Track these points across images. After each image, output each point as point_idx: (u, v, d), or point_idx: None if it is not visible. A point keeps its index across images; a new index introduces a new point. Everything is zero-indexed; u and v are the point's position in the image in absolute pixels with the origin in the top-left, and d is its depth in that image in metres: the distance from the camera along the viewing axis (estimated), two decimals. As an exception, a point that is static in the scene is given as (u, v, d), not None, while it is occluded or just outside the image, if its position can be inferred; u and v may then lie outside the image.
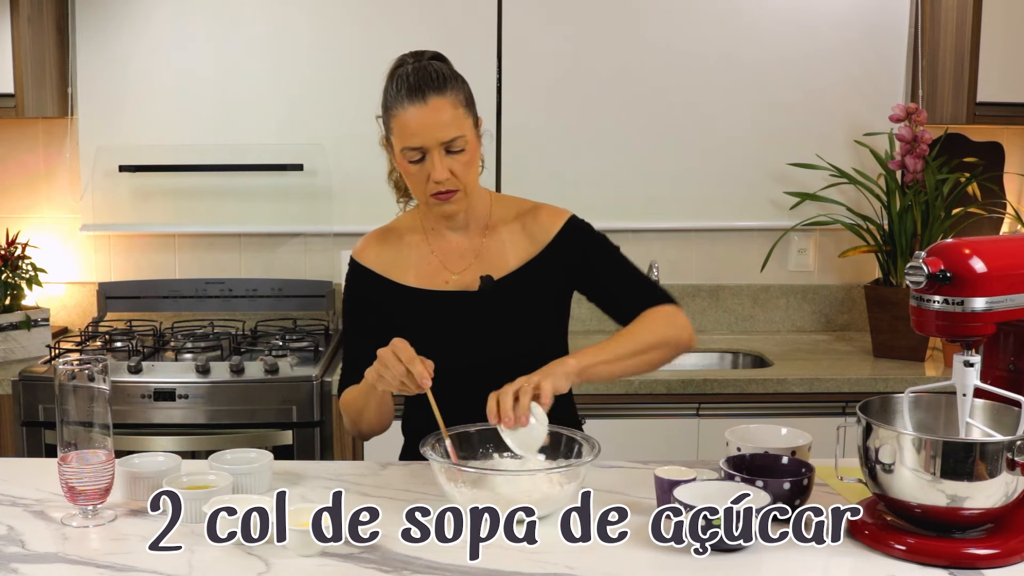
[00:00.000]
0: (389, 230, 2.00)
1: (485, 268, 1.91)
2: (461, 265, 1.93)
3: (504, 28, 3.28)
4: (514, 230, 1.94)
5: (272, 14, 3.27)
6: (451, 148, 1.78)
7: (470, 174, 1.83)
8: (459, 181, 1.80)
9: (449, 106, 1.77)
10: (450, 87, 1.78)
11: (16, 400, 2.80)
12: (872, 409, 1.60)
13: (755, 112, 3.36)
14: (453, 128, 1.77)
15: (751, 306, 3.46)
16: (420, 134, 1.76)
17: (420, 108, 1.76)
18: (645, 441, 2.84)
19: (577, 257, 1.93)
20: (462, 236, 1.94)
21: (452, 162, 1.79)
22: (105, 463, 1.60)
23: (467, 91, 1.83)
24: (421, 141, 1.76)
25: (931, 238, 3.02)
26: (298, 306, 3.31)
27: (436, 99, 1.76)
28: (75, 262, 3.39)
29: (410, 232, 1.97)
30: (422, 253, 1.95)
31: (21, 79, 3.01)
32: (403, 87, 1.77)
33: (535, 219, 1.95)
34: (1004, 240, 1.56)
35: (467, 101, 1.82)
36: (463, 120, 1.79)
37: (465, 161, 1.80)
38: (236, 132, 3.30)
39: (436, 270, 1.93)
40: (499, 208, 1.97)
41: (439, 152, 1.77)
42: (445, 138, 1.76)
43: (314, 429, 2.81)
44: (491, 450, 1.75)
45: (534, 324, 1.92)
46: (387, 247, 1.97)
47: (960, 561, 1.45)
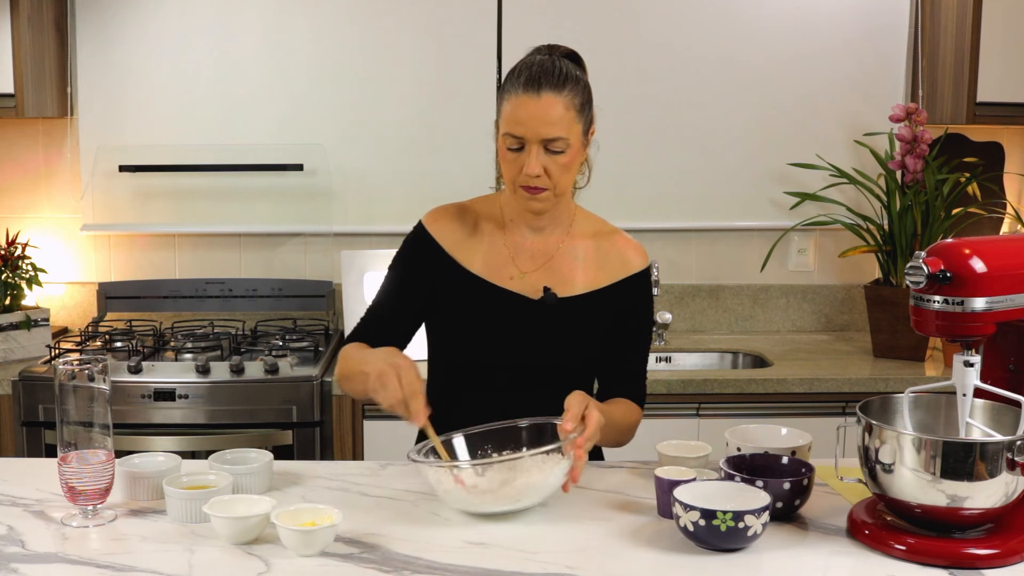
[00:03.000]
0: (466, 209, 1.95)
1: (552, 276, 1.89)
2: (530, 265, 1.90)
3: (504, 28, 3.28)
4: (589, 248, 1.91)
5: (272, 14, 3.27)
6: (551, 147, 1.75)
7: (564, 177, 1.80)
8: (551, 181, 1.78)
9: (561, 105, 1.75)
10: (568, 87, 1.76)
11: (16, 400, 2.80)
12: (872, 409, 1.60)
13: (755, 112, 3.36)
14: (558, 128, 1.75)
15: (751, 306, 3.46)
16: (525, 124, 1.75)
17: (532, 99, 1.74)
18: (645, 441, 2.83)
19: (624, 306, 1.91)
20: (539, 237, 1.91)
21: (549, 161, 1.76)
22: (105, 463, 1.60)
23: (586, 96, 1.80)
24: (524, 131, 1.75)
25: (931, 238, 3.02)
26: (298, 306, 3.31)
27: (550, 95, 1.74)
28: (75, 262, 3.39)
29: (487, 219, 1.93)
30: (494, 242, 1.91)
31: (21, 79, 3.01)
32: (523, 74, 1.76)
33: (613, 245, 1.92)
34: (1004, 240, 1.56)
35: (582, 106, 1.78)
36: (572, 124, 1.76)
37: (563, 163, 1.77)
38: (236, 132, 3.30)
39: (504, 263, 1.89)
40: (581, 221, 1.94)
41: (538, 147, 1.75)
42: (548, 135, 1.74)
43: (314, 429, 2.81)
44: (489, 450, 1.75)
45: (581, 349, 1.90)
46: (460, 226, 1.91)
47: (960, 561, 1.45)
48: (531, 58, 1.80)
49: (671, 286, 3.42)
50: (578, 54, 1.87)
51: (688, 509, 1.46)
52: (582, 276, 1.90)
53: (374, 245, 3.31)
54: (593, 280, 1.90)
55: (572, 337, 1.88)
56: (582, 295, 1.89)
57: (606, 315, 1.90)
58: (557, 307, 1.87)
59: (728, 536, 1.45)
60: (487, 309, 1.87)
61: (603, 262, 1.91)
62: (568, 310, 1.88)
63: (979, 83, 3.12)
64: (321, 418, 2.81)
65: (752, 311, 3.46)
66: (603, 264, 1.91)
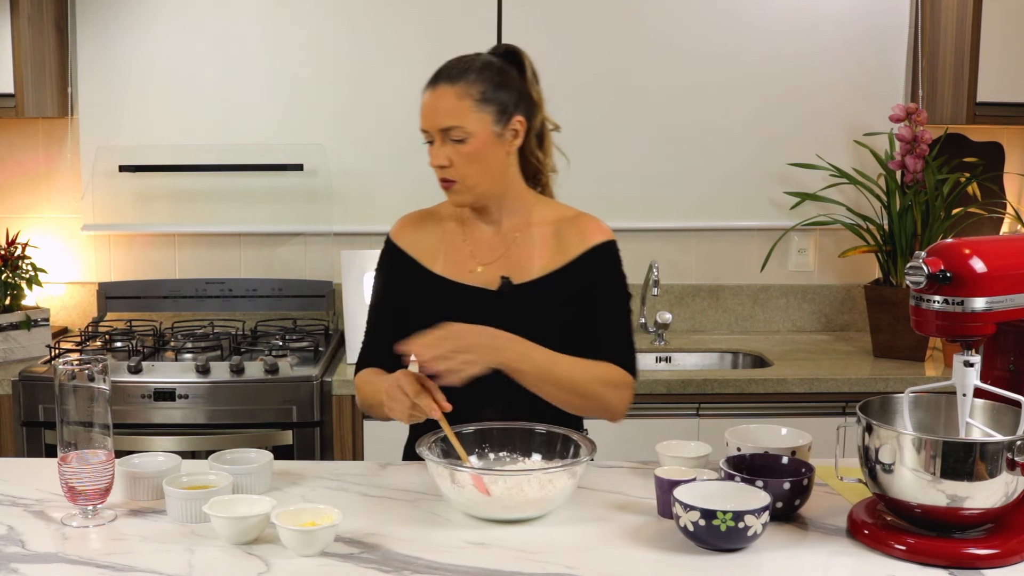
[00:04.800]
0: (429, 213, 2.01)
1: (511, 265, 1.91)
2: (490, 257, 1.92)
3: (504, 28, 3.28)
4: (547, 234, 1.92)
5: (272, 14, 3.27)
6: (450, 136, 1.81)
7: (471, 168, 1.83)
8: (456, 172, 1.83)
9: (453, 95, 1.81)
10: (465, 79, 1.82)
11: (16, 400, 2.80)
12: (872, 409, 1.60)
13: (755, 112, 3.36)
14: (451, 117, 1.80)
15: (751, 306, 3.46)
16: (425, 117, 1.84)
17: (429, 92, 1.84)
18: (645, 441, 2.82)
19: (588, 281, 1.90)
20: (495, 229, 1.94)
21: (453, 152, 1.82)
22: (105, 463, 1.60)
23: (491, 87, 1.83)
24: (425, 124, 1.84)
25: (931, 238, 3.02)
26: (298, 306, 3.31)
27: (444, 87, 1.82)
28: (75, 262, 3.39)
29: (449, 219, 1.98)
30: (455, 241, 1.95)
31: (21, 79, 3.01)
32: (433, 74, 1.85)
33: (572, 227, 1.93)
34: (1004, 240, 1.56)
35: (484, 95, 1.82)
36: (468, 112, 1.80)
37: (465, 153, 1.82)
38: (236, 132, 3.30)
39: (465, 259, 1.93)
40: (541, 209, 1.96)
41: (439, 138, 1.82)
42: (442, 125, 1.81)
43: (314, 429, 2.81)
44: (487, 450, 1.76)
45: (544, 332, 1.88)
46: (423, 230, 1.98)
47: (960, 561, 1.45)
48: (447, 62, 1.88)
49: (671, 286, 3.42)
50: (516, 52, 1.91)
51: (688, 509, 1.46)
52: (539, 260, 1.91)
53: (374, 245, 3.29)
54: (550, 262, 1.91)
55: (533, 322, 1.87)
56: (539, 279, 1.90)
57: (567, 294, 1.89)
58: (513, 294, 1.88)
59: (728, 536, 1.45)
60: (450, 306, 1.89)
61: (561, 244, 1.92)
62: (526, 295, 1.89)
63: (979, 83, 3.12)
64: (321, 418, 2.81)
65: (752, 311, 3.46)
66: (561, 246, 1.92)
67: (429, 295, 1.92)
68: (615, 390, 1.84)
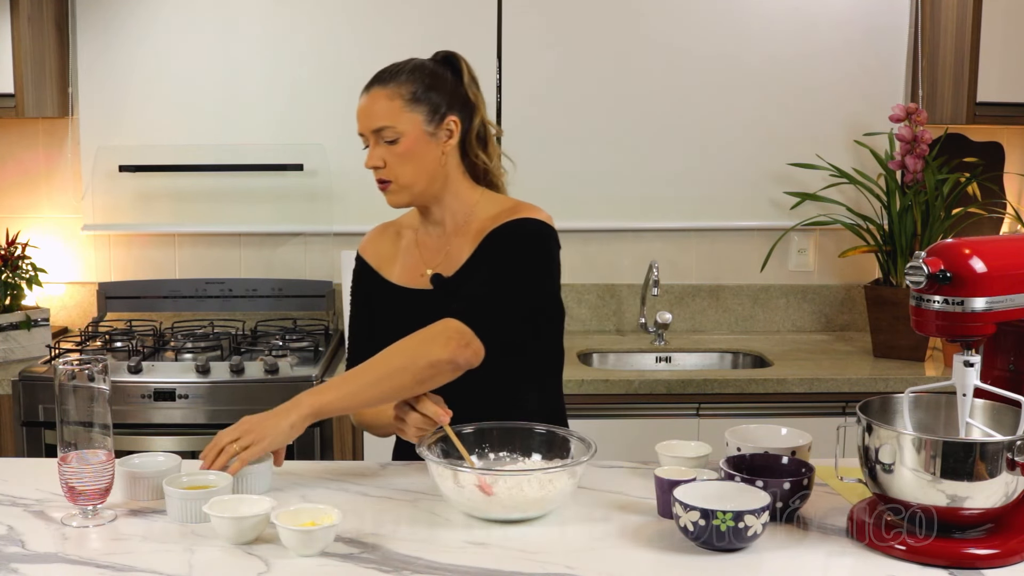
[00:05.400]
0: (389, 224, 2.06)
1: (447, 262, 1.92)
2: (436, 259, 1.95)
3: (504, 28, 3.28)
4: (485, 228, 1.89)
5: (272, 14, 3.27)
6: (382, 137, 1.85)
7: (405, 168, 1.85)
8: (391, 172, 1.86)
9: (384, 97, 1.85)
10: (396, 81, 1.85)
11: (16, 400, 2.80)
12: (872, 409, 1.60)
13: (755, 112, 3.36)
14: (381, 118, 1.84)
15: (751, 306, 3.46)
16: (359, 120, 1.89)
17: (363, 97, 1.89)
18: (645, 441, 2.82)
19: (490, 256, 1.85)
20: (439, 230, 1.96)
21: (386, 152, 1.85)
22: (105, 463, 1.60)
23: (422, 88, 1.84)
24: (359, 127, 1.89)
25: (931, 238, 3.02)
26: (298, 306, 3.31)
27: (376, 89, 1.87)
28: (75, 262, 3.39)
29: (408, 227, 2.02)
30: (409, 248, 1.99)
31: (21, 79, 3.01)
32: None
33: (508, 216, 1.89)
34: (1004, 240, 1.56)
35: (415, 96, 1.84)
36: (399, 112, 1.84)
37: (398, 153, 1.85)
38: (236, 132, 3.30)
39: (415, 265, 1.96)
40: (485, 206, 1.93)
41: (373, 139, 1.87)
42: (373, 126, 1.85)
43: (314, 429, 2.81)
44: (487, 450, 1.76)
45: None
46: (384, 241, 2.02)
47: (960, 561, 1.45)
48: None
49: (671, 286, 3.42)
50: (454, 56, 1.93)
51: (688, 509, 1.46)
52: (468, 253, 1.91)
53: (374, 245, 3.30)
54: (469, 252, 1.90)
55: None
56: (462, 267, 1.90)
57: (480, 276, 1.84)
58: (444, 287, 1.90)
59: (728, 536, 1.45)
60: (403, 313, 1.92)
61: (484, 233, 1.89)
62: (450, 288, 1.89)
63: (979, 83, 3.12)
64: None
65: (752, 311, 3.46)
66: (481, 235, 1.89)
67: (388, 304, 1.97)
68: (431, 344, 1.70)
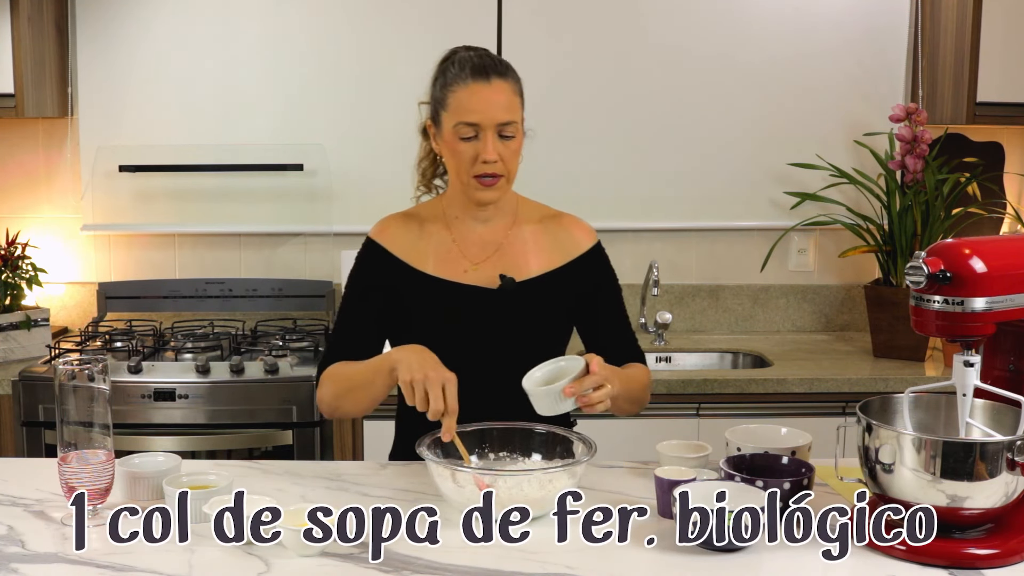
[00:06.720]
0: (410, 215, 1.99)
1: (505, 264, 1.91)
2: (481, 256, 1.92)
3: (504, 28, 3.28)
4: (538, 232, 1.95)
5: (272, 14, 3.27)
6: (504, 132, 1.81)
7: (515, 162, 1.86)
8: (505, 167, 1.83)
9: (509, 90, 1.83)
10: (511, 75, 1.85)
11: (16, 400, 2.80)
12: (872, 409, 1.60)
13: (755, 112, 3.36)
14: (509, 112, 1.81)
15: (751, 306, 3.46)
16: (480, 111, 1.80)
17: (484, 86, 1.81)
18: (645, 441, 2.83)
19: (589, 286, 1.96)
20: (486, 228, 1.94)
21: (502, 147, 1.82)
22: (105, 463, 1.60)
23: (522, 86, 1.88)
24: (479, 118, 1.80)
25: (931, 238, 3.02)
26: (298, 306, 3.31)
27: (499, 81, 1.82)
28: (75, 262, 3.39)
29: (431, 220, 1.96)
30: (442, 241, 1.94)
31: (21, 79, 3.01)
32: (467, 66, 1.82)
33: (561, 226, 1.97)
34: (1004, 240, 1.56)
35: (521, 94, 1.86)
36: (518, 109, 1.84)
37: (514, 149, 1.84)
38: (236, 132, 3.30)
39: (455, 259, 1.92)
40: (525, 208, 1.98)
41: (493, 132, 1.81)
42: (501, 119, 1.80)
43: (314, 429, 2.81)
44: (487, 450, 1.76)
45: (547, 331, 1.92)
46: (407, 232, 1.95)
47: (960, 561, 1.45)
48: (464, 54, 1.86)
49: (671, 286, 3.42)
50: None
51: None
52: (535, 259, 1.93)
53: (374, 245, 3.30)
54: (548, 262, 1.93)
55: (535, 319, 1.89)
56: (538, 277, 1.92)
57: (567, 296, 1.93)
58: (516, 292, 1.89)
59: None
60: (446, 306, 1.89)
61: (554, 244, 1.95)
62: (527, 293, 1.90)
63: (979, 83, 3.12)
64: (321, 418, 2.81)
65: (752, 311, 3.46)
66: (555, 246, 1.95)
67: (424, 296, 1.91)
68: (648, 389, 1.96)
